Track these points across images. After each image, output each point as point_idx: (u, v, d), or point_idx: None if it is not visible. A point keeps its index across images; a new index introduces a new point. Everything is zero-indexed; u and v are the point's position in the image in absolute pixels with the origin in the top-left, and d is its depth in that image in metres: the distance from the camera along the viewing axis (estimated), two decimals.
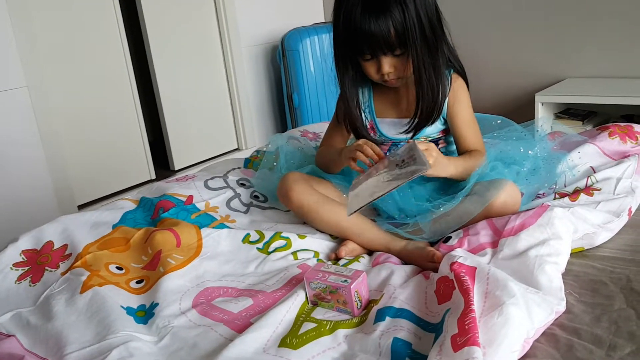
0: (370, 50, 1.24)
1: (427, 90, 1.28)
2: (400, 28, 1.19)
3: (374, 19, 1.19)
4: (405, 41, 1.21)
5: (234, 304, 1.03)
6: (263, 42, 3.34)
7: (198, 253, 1.20)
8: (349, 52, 1.29)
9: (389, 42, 1.21)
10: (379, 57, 1.25)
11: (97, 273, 1.13)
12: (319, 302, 1.03)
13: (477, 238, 1.15)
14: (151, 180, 2.87)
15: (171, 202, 1.37)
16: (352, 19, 1.21)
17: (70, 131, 2.52)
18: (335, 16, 1.26)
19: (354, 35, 1.22)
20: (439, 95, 1.30)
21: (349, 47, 1.27)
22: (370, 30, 1.19)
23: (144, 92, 3.02)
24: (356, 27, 1.20)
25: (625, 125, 1.57)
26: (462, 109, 1.34)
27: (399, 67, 1.26)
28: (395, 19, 1.19)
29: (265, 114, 3.45)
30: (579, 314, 0.96)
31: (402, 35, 1.20)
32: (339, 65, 1.34)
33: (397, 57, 1.25)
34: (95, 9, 2.57)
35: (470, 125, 1.35)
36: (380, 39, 1.20)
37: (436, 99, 1.30)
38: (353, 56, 1.29)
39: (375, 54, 1.24)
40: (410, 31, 1.20)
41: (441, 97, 1.31)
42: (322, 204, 1.32)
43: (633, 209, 1.29)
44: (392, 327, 0.93)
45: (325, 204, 1.32)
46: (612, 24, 2.78)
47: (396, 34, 1.20)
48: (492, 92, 3.14)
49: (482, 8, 3.12)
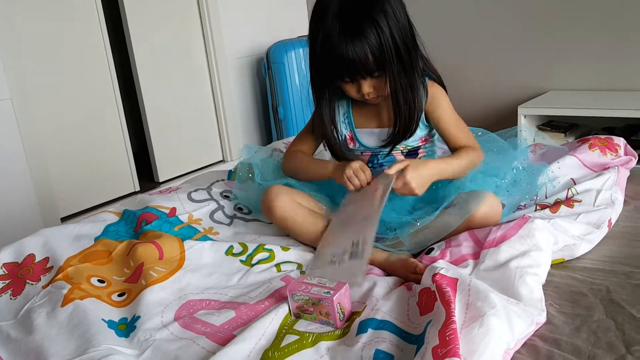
0: (349, 76, 1.26)
1: (404, 108, 1.31)
2: (377, 52, 1.21)
3: (351, 45, 1.20)
4: (382, 64, 1.23)
5: (217, 317, 1.03)
6: (248, 55, 3.35)
7: (181, 266, 1.19)
8: (327, 76, 1.30)
9: (367, 67, 1.23)
10: (358, 80, 1.26)
11: (79, 286, 1.12)
12: (302, 314, 1.03)
13: (459, 249, 1.16)
14: (135, 192, 2.86)
15: (154, 214, 1.36)
16: (330, 45, 1.22)
17: (54, 143, 2.50)
18: (312, 40, 1.27)
19: (332, 61, 1.23)
20: (416, 111, 1.32)
21: (328, 72, 1.28)
22: (348, 57, 1.20)
23: (129, 104, 3.01)
24: (335, 54, 1.21)
25: (605, 137, 1.59)
26: (444, 112, 1.36)
27: (378, 86, 1.28)
28: (371, 44, 1.20)
29: (251, 126, 3.46)
30: (559, 325, 0.97)
31: (379, 59, 1.22)
32: (315, 85, 1.36)
33: (376, 78, 1.27)
34: (80, 20, 2.57)
35: (456, 125, 1.37)
36: (359, 65, 1.22)
37: (413, 115, 1.32)
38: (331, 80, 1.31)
39: (354, 79, 1.26)
40: (387, 54, 1.22)
41: (417, 112, 1.33)
42: (305, 216, 1.33)
43: (613, 221, 1.31)
44: (374, 339, 0.93)
45: (308, 217, 1.33)
46: (593, 38, 2.82)
47: (374, 58, 1.22)
48: (476, 105, 3.18)
49: (465, 22, 3.16)
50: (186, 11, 3.04)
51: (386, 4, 1.22)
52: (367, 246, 1.14)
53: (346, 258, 1.15)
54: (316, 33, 1.24)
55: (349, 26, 1.20)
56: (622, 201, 1.39)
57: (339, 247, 1.19)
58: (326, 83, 1.33)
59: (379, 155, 1.39)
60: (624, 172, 1.49)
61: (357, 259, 1.14)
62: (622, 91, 2.80)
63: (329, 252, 1.21)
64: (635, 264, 1.14)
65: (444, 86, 1.39)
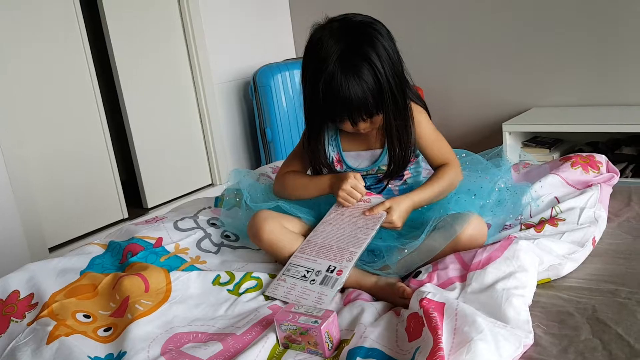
0: (350, 119, 1.27)
1: (398, 151, 1.34)
2: (376, 95, 1.23)
3: (352, 90, 1.21)
4: (381, 104, 1.25)
5: (204, 350, 1.02)
6: (235, 78, 3.37)
7: (167, 297, 1.18)
8: (326, 117, 1.32)
9: (368, 110, 1.25)
10: (357, 124, 1.28)
11: (64, 322, 1.11)
12: (290, 344, 1.02)
13: (446, 272, 1.16)
14: (124, 219, 2.84)
15: (140, 245, 1.35)
16: (332, 91, 1.23)
17: (40, 172, 2.49)
18: (311, 83, 1.27)
19: (333, 105, 1.25)
20: (409, 149, 1.35)
21: (327, 114, 1.30)
22: (350, 101, 1.22)
23: (116, 131, 3.01)
24: (336, 98, 1.23)
25: (587, 155, 1.61)
26: (423, 130, 1.37)
27: (373, 123, 1.30)
28: (371, 88, 1.22)
29: (239, 149, 3.46)
30: (546, 346, 0.97)
31: (377, 100, 1.24)
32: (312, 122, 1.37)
33: (371, 120, 1.29)
34: (65, 47, 2.57)
35: (436, 142, 1.39)
36: (359, 108, 1.24)
37: (407, 154, 1.35)
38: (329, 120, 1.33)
39: (354, 122, 1.27)
40: (385, 94, 1.24)
41: (410, 149, 1.35)
42: (292, 241, 1.32)
43: (597, 238, 1.32)
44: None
45: (296, 242, 1.32)
46: (576, 54, 2.86)
47: (373, 101, 1.24)
48: (461, 123, 3.20)
49: (448, 40, 3.20)
50: (172, 36, 3.06)
51: (380, 47, 1.23)
52: (341, 278, 1.18)
53: (318, 280, 1.19)
54: (316, 77, 1.25)
55: (350, 71, 1.21)
56: (605, 218, 1.40)
57: (315, 264, 1.23)
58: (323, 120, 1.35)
59: (367, 178, 1.40)
60: (606, 189, 1.50)
61: (327, 286, 1.18)
62: (605, 106, 2.84)
63: (303, 264, 1.24)
64: (621, 282, 1.15)
65: (425, 105, 1.41)
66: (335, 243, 1.26)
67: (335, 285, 1.17)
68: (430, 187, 1.34)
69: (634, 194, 1.60)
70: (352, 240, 1.24)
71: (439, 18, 3.19)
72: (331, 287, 1.17)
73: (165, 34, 3.03)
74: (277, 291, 1.21)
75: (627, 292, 1.10)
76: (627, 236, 1.36)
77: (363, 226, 1.27)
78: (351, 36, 1.24)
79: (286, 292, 1.20)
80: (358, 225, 1.28)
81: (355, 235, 1.25)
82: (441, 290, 1.11)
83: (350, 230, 1.27)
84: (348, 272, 1.19)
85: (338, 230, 1.29)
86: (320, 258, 1.24)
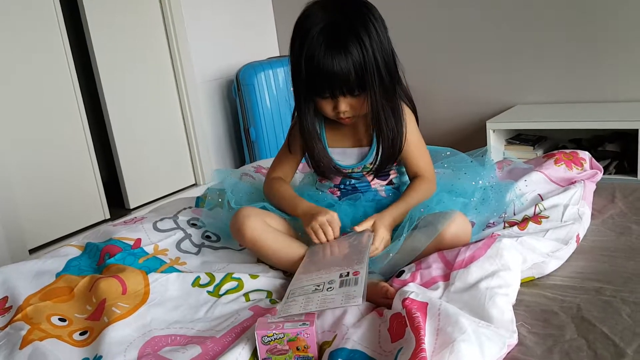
0: (329, 91, 1.25)
1: (387, 133, 1.31)
2: (359, 70, 1.21)
3: (336, 62, 1.20)
4: (363, 83, 1.23)
5: (182, 353, 0.99)
6: (218, 77, 3.34)
7: (145, 300, 1.15)
8: (308, 90, 1.29)
9: (349, 84, 1.23)
10: (337, 97, 1.26)
11: (38, 326, 1.08)
12: (273, 357, 0.97)
13: (429, 271, 1.15)
14: (106, 220, 2.81)
15: (117, 246, 1.32)
16: (313, 60, 1.21)
17: (20, 174, 2.44)
18: (296, 55, 1.26)
19: (314, 76, 1.23)
20: (399, 137, 1.32)
21: (309, 86, 1.27)
22: (331, 72, 1.20)
23: (98, 131, 2.96)
24: (318, 68, 1.21)
25: (571, 152, 1.60)
26: (410, 136, 1.35)
27: (355, 106, 1.28)
28: (355, 60, 1.20)
29: (223, 149, 3.43)
30: (531, 346, 0.96)
31: (361, 78, 1.22)
32: (299, 101, 1.34)
33: (355, 97, 1.26)
34: (45, 46, 2.53)
35: (419, 151, 1.37)
36: (340, 81, 1.22)
37: (396, 141, 1.32)
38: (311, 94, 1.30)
39: (334, 95, 1.25)
40: (369, 74, 1.22)
41: (401, 138, 1.33)
42: (275, 240, 1.30)
43: (581, 236, 1.31)
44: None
45: (279, 240, 1.30)
46: (558, 51, 2.87)
47: (356, 76, 1.21)
48: (445, 122, 3.20)
49: (431, 38, 3.19)
50: (154, 35, 3.02)
51: (371, 26, 1.22)
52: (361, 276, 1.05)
53: (335, 286, 1.05)
54: (300, 48, 1.24)
55: (334, 42, 1.20)
56: (589, 215, 1.40)
57: (321, 279, 1.09)
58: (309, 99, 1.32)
59: (353, 175, 1.38)
60: (590, 186, 1.50)
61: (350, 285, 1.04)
62: (588, 103, 2.85)
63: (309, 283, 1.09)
64: (605, 280, 1.14)
65: (415, 110, 1.39)
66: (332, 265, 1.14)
67: (359, 282, 1.03)
68: (406, 202, 1.31)
69: (617, 190, 1.60)
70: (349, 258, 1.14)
71: (422, 16, 3.18)
72: (355, 284, 1.03)
73: (147, 32, 2.99)
74: (291, 309, 1.01)
75: (612, 290, 1.10)
76: (611, 233, 1.36)
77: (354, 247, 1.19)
78: (343, 12, 1.22)
79: (303, 306, 1.02)
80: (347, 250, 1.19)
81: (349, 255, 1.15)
82: (424, 289, 1.10)
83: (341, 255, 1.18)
84: (365, 271, 1.07)
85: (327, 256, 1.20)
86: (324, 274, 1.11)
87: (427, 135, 1.40)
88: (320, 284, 1.06)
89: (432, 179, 1.37)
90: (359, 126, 1.37)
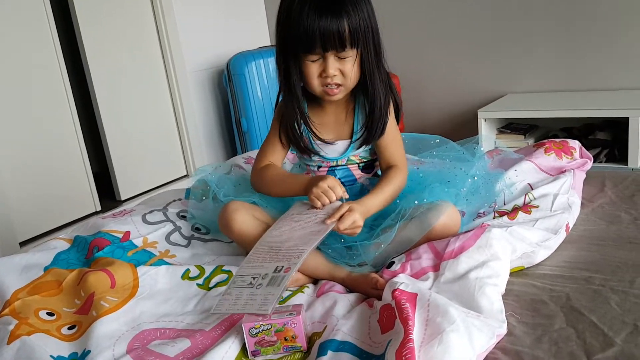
0: (321, 44, 1.21)
1: (377, 98, 1.28)
2: (353, 26, 1.20)
3: (329, 14, 1.18)
4: (356, 42, 1.22)
5: (171, 347, 0.98)
6: (208, 67, 3.31)
7: (134, 293, 1.15)
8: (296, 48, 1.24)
9: (342, 38, 1.20)
10: (327, 55, 1.22)
11: (26, 321, 1.07)
12: (262, 349, 0.97)
13: (419, 262, 1.15)
14: (97, 212, 2.79)
15: (106, 239, 1.31)
16: (305, 15, 1.19)
17: (9, 166, 2.42)
18: (286, 13, 1.23)
19: (305, 31, 1.20)
20: (387, 105, 1.30)
21: (298, 43, 1.23)
22: (324, 25, 1.18)
23: (87, 122, 2.94)
24: (310, 22, 1.19)
25: (561, 141, 1.60)
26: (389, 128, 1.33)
27: (344, 71, 1.25)
28: (349, 17, 1.19)
29: (215, 140, 3.41)
30: (520, 336, 0.96)
31: (354, 35, 1.21)
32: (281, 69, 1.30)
33: (344, 61, 1.24)
34: (33, 36, 2.49)
35: (394, 142, 1.35)
36: (334, 34, 1.19)
37: (384, 109, 1.30)
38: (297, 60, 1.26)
39: (325, 48, 1.21)
40: (363, 32, 1.21)
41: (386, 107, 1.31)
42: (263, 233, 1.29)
43: (570, 225, 1.31)
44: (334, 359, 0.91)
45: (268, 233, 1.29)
46: (549, 41, 2.87)
47: (349, 32, 1.20)
48: (436, 111, 3.19)
49: (422, 27, 3.18)
50: (143, 25, 2.99)
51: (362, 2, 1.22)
52: (288, 276, 1.04)
53: (264, 283, 1.03)
54: (290, 6, 1.21)
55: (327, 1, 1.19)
56: (579, 205, 1.40)
57: (261, 269, 1.07)
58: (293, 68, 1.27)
59: (336, 169, 1.37)
60: (579, 175, 1.50)
61: (273, 286, 1.02)
62: (579, 91, 2.85)
63: (249, 272, 1.08)
64: (594, 269, 1.15)
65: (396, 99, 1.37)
66: (283, 245, 1.12)
67: (282, 283, 1.02)
68: (383, 193, 1.28)
69: (607, 179, 1.60)
70: (302, 241, 1.12)
71: (413, 6, 3.17)
72: (277, 286, 1.01)
73: (136, 21, 2.96)
74: (221, 307, 1.01)
75: (601, 279, 1.10)
76: (601, 222, 1.36)
77: (315, 229, 1.16)
78: None
79: (231, 305, 1.00)
80: (311, 228, 1.17)
81: (307, 236, 1.13)
82: (414, 280, 1.10)
83: (301, 233, 1.16)
84: (296, 268, 1.05)
85: (287, 233, 1.17)
86: (267, 262, 1.09)
87: (418, 124, 1.40)
88: (256, 276, 1.05)
89: (406, 170, 1.34)
90: (342, 118, 1.35)
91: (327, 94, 1.29)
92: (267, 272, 1.05)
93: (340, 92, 1.29)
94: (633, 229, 1.30)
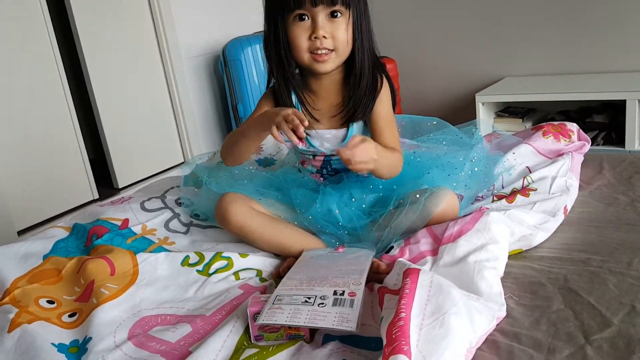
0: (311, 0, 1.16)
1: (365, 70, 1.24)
2: None
3: None
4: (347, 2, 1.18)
5: (172, 333, 0.99)
6: (204, 53, 3.29)
7: (134, 280, 1.15)
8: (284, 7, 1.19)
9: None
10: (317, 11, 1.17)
11: (26, 309, 1.07)
12: (265, 335, 0.97)
13: (417, 247, 1.15)
14: (94, 200, 2.79)
15: (105, 227, 1.31)
16: None
17: (5, 154, 2.41)
18: None
19: None
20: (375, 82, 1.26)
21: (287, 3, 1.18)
22: None
23: (83, 109, 2.92)
24: None
25: (559, 124, 1.60)
26: (383, 108, 1.29)
27: (336, 35, 1.20)
28: None
29: (211, 126, 3.40)
30: (518, 318, 0.97)
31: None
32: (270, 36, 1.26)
33: (336, 23, 1.20)
34: (28, 24, 2.47)
35: (389, 127, 1.29)
36: None
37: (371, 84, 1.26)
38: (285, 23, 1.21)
39: (315, 2, 1.16)
40: None
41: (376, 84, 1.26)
42: (262, 223, 1.28)
43: (568, 208, 1.32)
44: (340, 347, 0.92)
45: (265, 224, 1.28)
46: (546, 23, 2.86)
47: None
48: (434, 95, 3.18)
49: (419, 11, 3.16)
50: (137, 11, 2.96)
51: None
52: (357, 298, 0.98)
53: (328, 303, 0.98)
54: None
55: None
56: (577, 187, 1.40)
57: (312, 292, 1.01)
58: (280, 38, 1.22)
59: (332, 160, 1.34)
60: (578, 157, 1.50)
61: (344, 306, 0.96)
62: (576, 74, 2.85)
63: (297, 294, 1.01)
64: (592, 250, 1.15)
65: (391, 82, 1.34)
66: (325, 278, 1.06)
67: (355, 305, 0.96)
68: (385, 150, 1.21)
69: (605, 161, 1.61)
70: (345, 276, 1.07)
71: None
72: (350, 307, 0.96)
73: (131, 8, 2.93)
74: (276, 317, 0.95)
75: (599, 261, 1.10)
76: (599, 204, 1.36)
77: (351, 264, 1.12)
78: None
79: (290, 316, 0.95)
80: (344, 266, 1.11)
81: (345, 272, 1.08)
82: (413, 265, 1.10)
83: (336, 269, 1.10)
84: (361, 294, 1.00)
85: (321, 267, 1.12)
86: (316, 287, 1.03)
87: (416, 108, 1.39)
88: (312, 297, 0.99)
89: (402, 155, 1.28)
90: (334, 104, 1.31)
91: (316, 60, 1.22)
92: (323, 294, 1.00)
93: (330, 60, 1.22)
94: (630, 210, 1.30)
